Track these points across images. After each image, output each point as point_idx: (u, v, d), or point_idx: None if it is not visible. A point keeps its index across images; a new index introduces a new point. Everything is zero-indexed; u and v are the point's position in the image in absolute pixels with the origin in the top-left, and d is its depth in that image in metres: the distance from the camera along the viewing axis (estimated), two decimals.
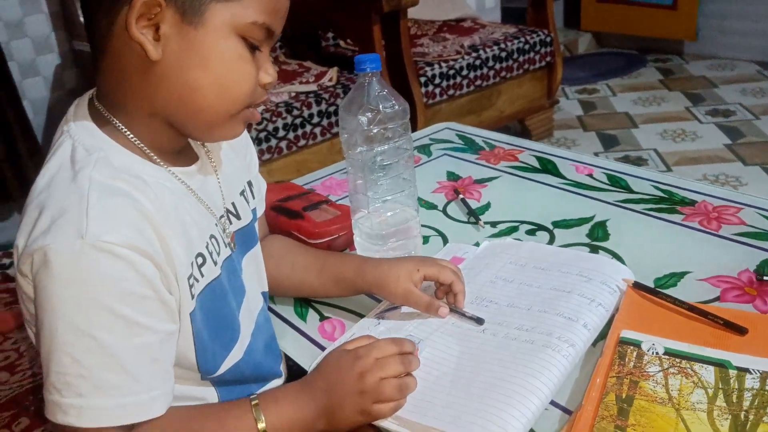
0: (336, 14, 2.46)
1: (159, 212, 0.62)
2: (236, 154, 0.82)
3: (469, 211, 1.10)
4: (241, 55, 0.63)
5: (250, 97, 0.66)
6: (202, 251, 0.68)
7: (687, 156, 2.64)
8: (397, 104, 0.90)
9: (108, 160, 0.62)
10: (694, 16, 3.66)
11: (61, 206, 0.58)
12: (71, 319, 0.56)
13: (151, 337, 0.60)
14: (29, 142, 2.36)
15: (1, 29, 2.35)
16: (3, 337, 1.11)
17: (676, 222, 1.00)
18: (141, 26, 0.60)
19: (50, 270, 0.55)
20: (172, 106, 0.64)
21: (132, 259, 0.57)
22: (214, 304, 0.70)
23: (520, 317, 0.78)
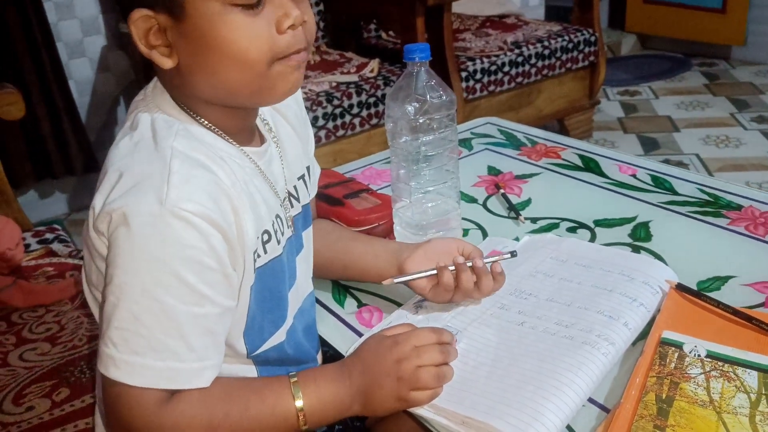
0: (379, 5, 2.46)
1: (234, 186, 0.64)
2: (300, 139, 0.83)
3: (509, 206, 1.09)
4: (235, 23, 0.61)
5: (272, 52, 0.63)
6: (268, 228, 0.70)
7: (730, 163, 2.59)
8: (444, 95, 0.90)
9: (188, 132, 0.65)
10: (743, 20, 3.58)
11: (144, 171, 0.60)
12: (140, 277, 0.58)
13: (212, 308, 0.61)
14: (74, 122, 2.41)
15: (51, 10, 2.40)
16: (45, 310, 1.13)
17: (721, 226, 0.99)
18: (153, 40, 0.62)
19: (128, 228, 0.57)
20: (209, 92, 0.66)
21: (205, 230, 0.59)
22: (272, 281, 0.72)
23: (560, 312, 0.77)
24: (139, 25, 0.62)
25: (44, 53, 2.30)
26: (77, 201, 2.66)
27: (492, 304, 0.82)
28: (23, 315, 1.13)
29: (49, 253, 1.32)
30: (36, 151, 2.39)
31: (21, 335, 1.08)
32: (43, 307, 1.14)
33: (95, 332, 1.07)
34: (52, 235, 1.41)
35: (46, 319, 1.11)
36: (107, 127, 2.65)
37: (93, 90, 2.59)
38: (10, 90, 1.38)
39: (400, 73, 2.28)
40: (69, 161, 2.42)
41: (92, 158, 2.47)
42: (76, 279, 1.21)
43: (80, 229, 2.24)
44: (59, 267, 1.26)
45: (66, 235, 1.42)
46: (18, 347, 1.05)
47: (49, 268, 1.27)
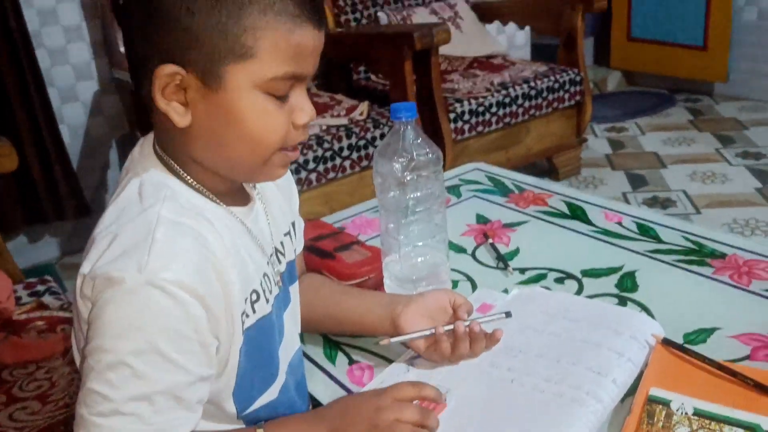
0: (369, 49, 2.50)
1: (221, 249, 0.65)
2: (283, 196, 0.85)
3: (497, 256, 1.11)
4: (265, 109, 0.64)
5: (282, 142, 0.67)
6: (256, 288, 0.71)
7: (717, 199, 2.62)
8: (431, 152, 0.92)
9: (175, 197, 0.65)
10: (725, 57, 3.65)
11: (129, 238, 0.61)
12: (116, 343, 0.58)
13: (183, 377, 0.61)
14: (64, 166, 2.42)
15: (45, 56, 2.42)
16: (36, 366, 1.13)
17: (706, 275, 1.00)
18: (169, 93, 0.63)
19: (108, 293, 0.59)
20: (209, 159, 0.67)
21: (183, 299, 0.60)
22: (261, 340, 0.72)
23: (549, 368, 0.78)
24: (163, 78, 0.62)
25: (36, 99, 2.32)
26: (68, 245, 2.66)
27: (482, 360, 0.83)
28: (13, 372, 1.13)
29: (40, 306, 1.32)
30: (27, 196, 2.39)
31: (11, 393, 1.07)
32: (33, 364, 1.14)
33: None
34: (44, 287, 1.41)
35: (36, 376, 1.11)
36: (99, 172, 2.66)
37: (85, 134, 2.60)
38: (2, 143, 1.39)
39: (389, 115, 2.30)
40: (60, 206, 2.43)
41: (83, 203, 2.47)
42: (67, 333, 1.21)
43: (72, 273, 2.22)
44: (50, 321, 1.26)
45: (57, 287, 1.42)
46: (8, 406, 1.05)
47: (40, 322, 1.27)
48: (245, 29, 0.61)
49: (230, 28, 0.61)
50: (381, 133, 2.26)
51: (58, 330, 1.24)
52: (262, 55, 0.62)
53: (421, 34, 2.21)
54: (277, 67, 0.63)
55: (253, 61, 0.62)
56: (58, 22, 2.47)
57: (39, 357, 1.15)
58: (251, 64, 0.62)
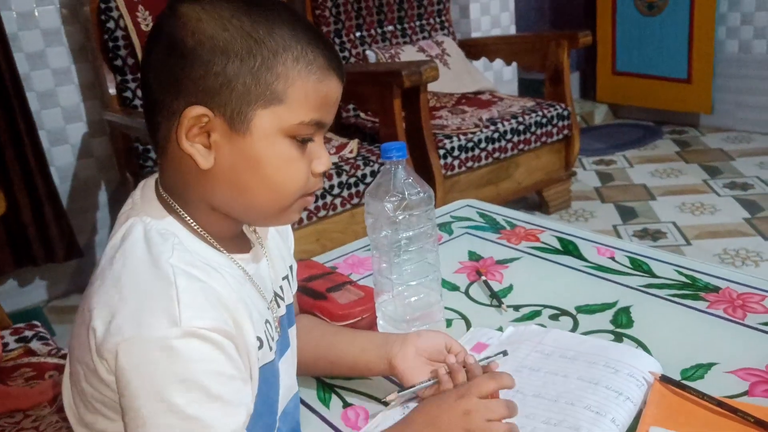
0: (358, 87, 2.52)
1: (229, 298, 0.64)
2: (282, 240, 0.84)
3: (491, 294, 1.10)
4: (290, 156, 0.65)
5: (303, 190, 0.68)
6: (260, 335, 0.70)
7: (706, 230, 2.63)
8: (422, 191, 0.92)
9: (183, 246, 0.65)
10: (708, 89, 3.71)
11: (148, 291, 0.60)
12: (172, 401, 0.57)
13: (243, 415, 0.62)
14: (55, 208, 2.41)
15: (34, 99, 2.43)
16: (23, 415, 1.10)
17: (701, 309, 1.00)
18: (193, 135, 0.63)
19: (147, 357, 0.57)
20: (226, 203, 0.67)
21: (220, 343, 0.60)
22: (265, 386, 0.71)
23: (547, 409, 0.77)
24: (191, 120, 0.63)
25: (27, 142, 2.32)
26: (58, 288, 2.63)
27: None
28: (0, 422, 1.10)
29: (27, 353, 1.30)
30: (16, 239, 2.38)
31: None
32: (21, 412, 1.11)
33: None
34: (32, 333, 1.38)
35: (24, 425, 1.08)
36: (89, 213, 2.65)
37: (74, 176, 2.60)
38: None
39: (379, 153, 2.31)
40: (51, 248, 2.41)
41: (74, 245, 2.45)
42: (55, 380, 1.19)
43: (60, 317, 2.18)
44: (38, 367, 1.24)
45: (45, 332, 1.40)
46: None
47: (28, 369, 1.24)
48: (278, 76, 0.62)
49: (263, 74, 0.62)
50: (371, 170, 2.27)
51: (47, 377, 1.21)
52: (291, 102, 0.63)
53: (410, 72, 2.24)
54: (305, 114, 0.64)
55: (282, 107, 0.63)
56: (47, 66, 2.48)
57: (26, 406, 1.12)
58: (280, 109, 0.63)
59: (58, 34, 2.48)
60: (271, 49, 0.62)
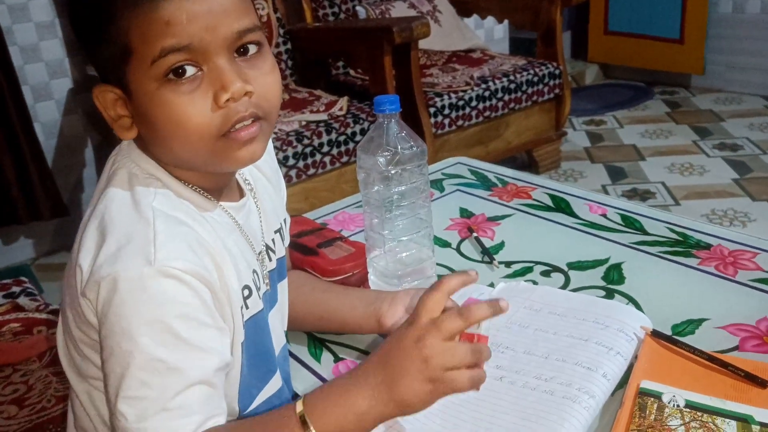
0: (347, 44, 2.48)
1: (214, 243, 0.64)
2: (275, 192, 0.83)
3: (482, 250, 1.10)
4: (171, 101, 0.60)
5: (210, 127, 0.61)
6: (248, 283, 0.69)
7: (695, 191, 2.64)
8: (415, 146, 0.91)
9: (167, 190, 0.65)
10: (701, 50, 3.68)
11: (127, 233, 0.60)
12: (141, 340, 0.57)
13: (211, 361, 0.60)
14: (39, 166, 2.37)
15: (17, 53, 2.37)
16: (11, 369, 1.10)
17: (692, 266, 1.00)
18: (118, 110, 0.64)
19: (120, 295, 0.57)
20: (171, 161, 0.66)
21: (195, 286, 0.60)
22: (257, 336, 0.71)
23: (538, 366, 0.77)
24: (105, 96, 0.64)
25: (9, 98, 2.27)
26: (44, 246, 2.61)
27: None
28: None
29: (15, 308, 1.29)
30: (0, 197, 2.34)
31: None
32: (9, 366, 1.11)
33: (65, 392, 1.05)
34: (19, 288, 1.37)
35: (13, 380, 1.08)
36: (74, 170, 2.62)
37: (59, 132, 2.56)
38: None
39: (369, 110, 2.29)
40: (35, 207, 2.38)
41: (60, 203, 2.43)
42: (44, 336, 1.18)
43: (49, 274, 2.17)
44: (26, 322, 1.23)
45: (33, 288, 1.39)
46: None
47: (16, 324, 1.23)
48: (117, 29, 0.59)
49: (108, 33, 0.60)
50: (361, 128, 2.25)
51: (35, 332, 1.21)
52: (137, 45, 0.59)
53: (401, 28, 2.20)
54: (152, 47, 0.59)
55: (134, 56, 0.60)
56: (30, 19, 2.41)
57: (15, 360, 1.12)
58: (135, 59, 0.60)
59: None
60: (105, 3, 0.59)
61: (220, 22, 0.60)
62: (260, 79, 0.63)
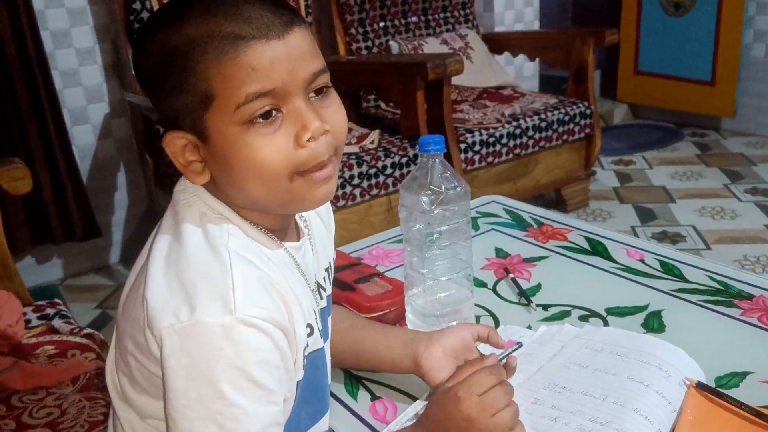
0: (380, 77, 2.50)
1: (282, 284, 0.65)
2: (326, 230, 0.84)
3: (519, 292, 1.09)
4: (254, 140, 0.61)
5: (291, 167, 0.63)
6: (310, 321, 0.71)
7: (727, 235, 2.61)
8: (459, 186, 0.91)
9: (238, 230, 0.66)
10: (732, 93, 3.67)
11: (205, 275, 0.61)
12: (221, 388, 0.58)
13: (279, 403, 0.63)
14: (76, 186, 2.41)
15: (57, 78, 2.42)
16: (45, 392, 1.10)
17: (734, 316, 0.98)
18: (188, 155, 0.65)
19: (199, 341, 0.58)
20: (243, 203, 0.67)
21: (271, 332, 0.61)
22: (314, 373, 0.72)
23: (595, 408, 0.76)
24: (175, 143, 0.65)
25: (51, 121, 2.32)
26: (73, 267, 2.63)
27: (525, 398, 0.80)
28: (23, 398, 1.10)
29: (50, 330, 1.30)
30: (36, 217, 2.38)
31: (21, 420, 1.05)
32: (43, 390, 1.12)
33: (97, 418, 1.05)
34: (53, 311, 1.39)
35: (46, 403, 1.09)
36: (106, 193, 2.65)
37: (94, 156, 2.60)
38: (18, 165, 1.38)
39: (400, 144, 2.30)
40: (70, 227, 2.41)
41: (93, 224, 2.46)
42: (79, 360, 1.19)
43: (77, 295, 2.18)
44: (61, 345, 1.24)
45: (67, 311, 1.40)
46: None
47: (50, 347, 1.24)
48: (197, 77, 0.60)
49: (187, 81, 0.61)
50: (391, 162, 2.26)
51: (69, 355, 1.21)
52: (220, 91, 0.60)
53: (434, 65, 2.22)
54: (237, 95, 0.60)
55: (217, 101, 0.61)
56: (72, 45, 2.47)
57: (49, 383, 1.12)
58: (217, 105, 0.61)
59: (83, 14, 2.47)
60: (182, 53, 0.60)
61: (298, 65, 0.62)
62: (333, 116, 0.66)
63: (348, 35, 2.86)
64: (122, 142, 2.65)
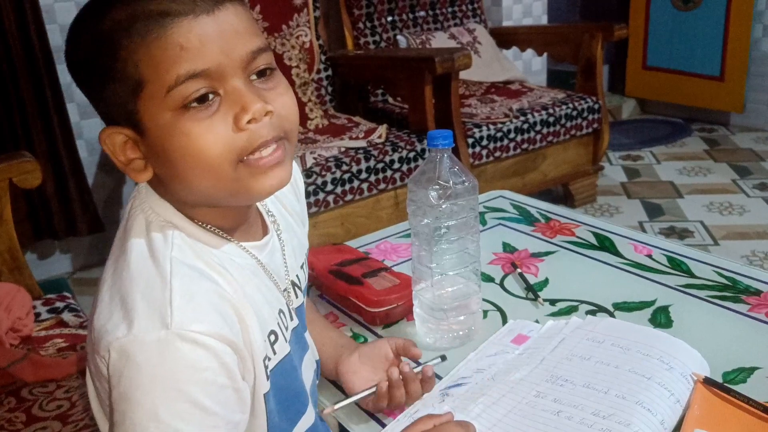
0: (388, 72, 2.50)
1: (236, 293, 0.62)
2: (299, 226, 0.82)
3: (527, 287, 1.09)
4: (190, 129, 0.58)
5: (232, 152, 0.59)
6: (274, 328, 0.68)
7: (735, 231, 2.60)
8: (467, 181, 0.91)
9: (184, 238, 0.62)
10: (741, 88, 3.65)
11: (143, 291, 0.57)
12: (155, 410, 0.54)
13: (223, 428, 0.58)
14: (79, 182, 2.41)
15: (65, 72, 2.42)
16: (55, 385, 1.11)
17: (742, 312, 0.98)
18: (129, 153, 0.61)
19: (135, 362, 0.54)
20: (190, 198, 0.63)
21: (214, 348, 0.56)
22: (285, 380, 0.70)
23: (597, 401, 0.76)
24: (114, 139, 0.61)
25: (54, 115, 2.32)
26: (79, 260, 2.65)
27: (528, 392, 0.81)
28: (33, 390, 1.11)
29: (59, 324, 1.31)
30: (38, 211, 2.38)
31: (31, 413, 1.06)
32: (53, 382, 1.13)
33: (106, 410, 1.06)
34: (63, 304, 1.40)
35: (56, 395, 1.10)
36: (112, 187, 2.66)
37: (102, 149, 2.61)
38: (27, 159, 1.39)
39: (408, 138, 2.30)
40: (73, 221, 2.42)
41: (96, 219, 2.46)
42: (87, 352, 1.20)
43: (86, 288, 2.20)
44: (70, 339, 1.25)
45: (76, 304, 1.41)
46: (28, 426, 1.03)
47: (60, 340, 1.25)
48: (124, 62, 0.57)
49: (115, 69, 0.57)
50: (399, 156, 2.26)
51: (78, 348, 1.22)
52: (149, 75, 0.56)
53: (443, 59, 2.22)
54: (166, 75, 0.56)
55: (147, 87, 0.57)
56: None
57: (59, 376, 1.13)
58: (148, 91, 0.57)
59: None
60: (108, 38, 0.56)
61: (233, 43, 0.58)
62: (278, 99, 0.61)
63: (356, 30, 2.86)
64: None
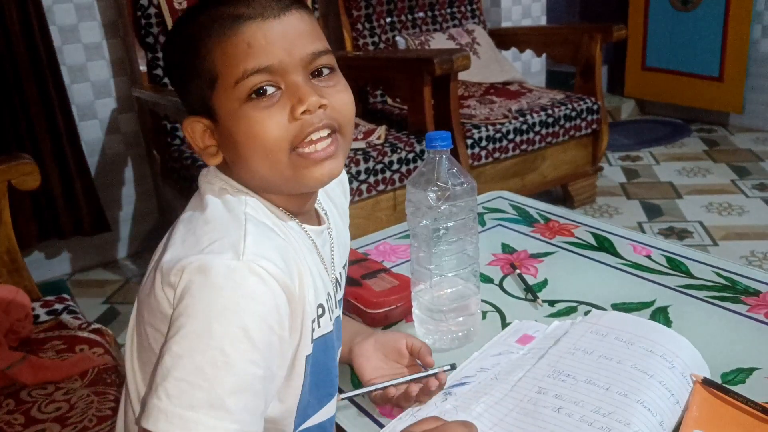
0: (387, 73, 2.50)
1: (297, 254, 0.67)
2: (343, 222, 0.86)
3: (526, 288, 1.09)
4: (254, 114, 0.64)
5: (286, 139, 0.65)
6: (323, 303, 0.71)
7: (734, 231, 2.60)
8: (465, 182, 0.91)
9: (256, 202, 0.69)
10: (740, 88, 3.65)
11: (220, 231, 0.63)
12: (210, 325, 0.57)
13: (262, 369, 0.60)
14: (84, 181, 2.41)
15: (65, 73, 2.43)
16: (54, 387, 1.11)
17: (741, 313, 0.98)
18: (206, 140, 0.69)
19: (204, 278, 0.58)
20: (252, 183, 0.70)
21: (275, 290, 0.60)
22: (324, 355, 0.72)
23: (599, 398, 0.76)
24: (194, 127, 0.69)
25: (59, 116, 2.32)
26: (81, 261, 2.65)
27: (530, 388, 0.81)
28: (32, 393, 1.11)
29: (58, 326, 1.31)
30: (44, 211, 2.39)
31: (30, 415, 1.06)
32: (52, 384, 1.12)
33: (105, 413, 1.06)
34: (61, 306, 1.39)
35: (55, 398, 1.09)
36: (114, 188, 2.66)
37: (102, 151, 2.61)
38: (26, 160, 1.39)
39: (407, 140, 2.30)
40: (79, 221, 2.42)
41: (102, 219, 2.46)
42: (87, 355, 1.20)
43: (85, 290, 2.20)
44: (69, 341, 1.25)
45: (75, 306, 1.41)
46: (27, 428, 1.03)
47: (58, 342, 1.25)
48: (204, 59, 0.65)
49: (198, 66, 0.65)
50: (398, 157, 2.26)
51: (77, 350, 1.22)
52: (222, 70, 0.64)
53: (441, 60, 2.22)
54: (235, 69, 0.64)
55: (220, 80, 0.65)
56: (79, 40, 2.48)
57: (58, 378, 1.13)
58: (220, 83, 0.65)
59: (90, 9, 2.48)
60: (193, 39, 0.65)
61: (296, 44, 0.65)
62: (335, 95, 0.68)
63: (355, 31, 2.86)
64: (130, 138, 2.66)
